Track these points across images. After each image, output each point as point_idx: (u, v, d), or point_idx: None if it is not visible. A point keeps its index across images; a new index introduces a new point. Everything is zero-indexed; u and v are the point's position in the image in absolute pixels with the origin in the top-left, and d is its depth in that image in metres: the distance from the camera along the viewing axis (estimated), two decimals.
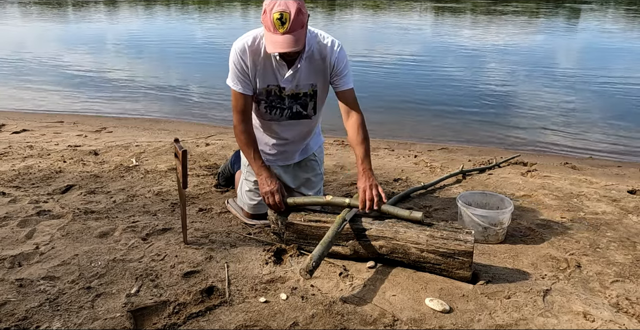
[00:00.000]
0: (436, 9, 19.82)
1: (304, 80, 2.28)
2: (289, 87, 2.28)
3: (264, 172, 2.27)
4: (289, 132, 2.44)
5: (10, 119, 5.04)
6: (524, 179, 3.32)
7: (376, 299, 1.89)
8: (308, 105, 2.37)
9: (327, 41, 2.25)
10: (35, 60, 8.60)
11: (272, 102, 2.32)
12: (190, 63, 8.62)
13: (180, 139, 2.88)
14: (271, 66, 2.24)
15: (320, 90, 2.35)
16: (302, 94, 2.32)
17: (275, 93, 2.29)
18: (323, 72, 2.29)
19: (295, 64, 2.21)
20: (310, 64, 2.25)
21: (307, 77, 2.28)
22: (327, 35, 2.26)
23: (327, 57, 2.25)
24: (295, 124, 2.41)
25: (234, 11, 18.81)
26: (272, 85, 2.27)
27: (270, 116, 2.38)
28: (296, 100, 2.34)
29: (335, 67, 2.26)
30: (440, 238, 1.99)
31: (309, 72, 2.27)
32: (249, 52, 2.20)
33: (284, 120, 2.39)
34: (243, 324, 1.74)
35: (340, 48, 2.26)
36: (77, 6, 19.95)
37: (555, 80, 7.24)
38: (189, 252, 2.20)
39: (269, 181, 2.25)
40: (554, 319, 1.80)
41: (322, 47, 2.24)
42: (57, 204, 2.70)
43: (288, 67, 2.22)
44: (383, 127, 5.15)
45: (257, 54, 2.21)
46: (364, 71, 7.72)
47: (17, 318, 1.73)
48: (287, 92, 2.29)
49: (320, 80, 2.31)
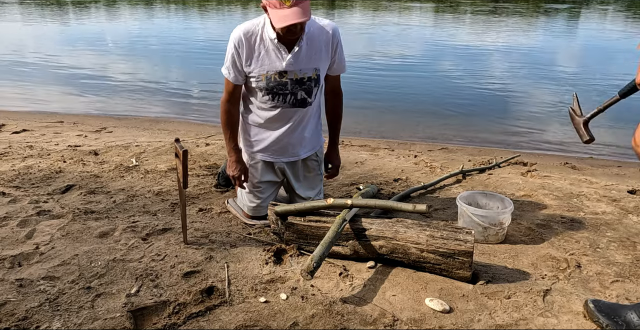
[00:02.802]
0: (436, 9, 19.83)
1: (306, 63, 2.29)
2: (291, 70, 2.29)
3: (234, 155, 2.43)
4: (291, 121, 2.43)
5: (10, 119, 5.04)
6: (524, 179, 3.32)
7: (376, 299, 1.89)
8: (312, 91, 2.37)
9: (324, 23, 2.31)
10: (35, 60, 8.59)
11: (273, 88, 2.31)
12: (190, 63, 8.61)
13: (180, 139, 2.87)
14: (270, 52, 2.26)
15: (322, 74, 2.37)
16: (306, 79, 2.32)
17: (275, 79, 2.30)
18: (325, 54, 2.32)
19: (294, 46, 2.24)
20: (311, 47, 2.28)
21: (309, 60, 2.29)
22: (321, 18, 2.32)
23: (329, 40, 2.30)
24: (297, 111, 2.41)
25: (234, 11, 18.81)
26: (271, 71, 2.28)
27: (273, 103, 2.36)
28: (301, 86, 2.33)
29: (336, 51, 2.33)
30: (440, 238, 1.99)
31: (309, 54, 2.29)
32: (245, 39, 2.23)
33: (287, 107, 2.37)
34: (243, 324, 1.74)
35: (337, 31, 2.33)
36: (77, 6, 19.95)
37: (555, 80, 7.24)
38: (189, 252, 2.20)
39: (235, 165, 2.44)
40: (554, 319, 1.80)
41: (320, 29, 2.29)
42: (57, 204, 2.70)
43: (288, 50, 2.25)
44: (383, 127, 5.15)
45: (254, 40, 2.25)
46: (364, 71, 7.71)
47: (17, 318, 1.73)
48: (289, 75, 2.29)
49: (321, 63, 2.33)
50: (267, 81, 2.29)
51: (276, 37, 2.21)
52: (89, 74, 7.65)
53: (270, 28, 2.22)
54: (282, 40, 2.23)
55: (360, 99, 6.08)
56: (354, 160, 3.69)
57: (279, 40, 2.22)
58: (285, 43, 2.23)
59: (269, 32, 2.23)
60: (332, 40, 2.30)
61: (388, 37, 11.80)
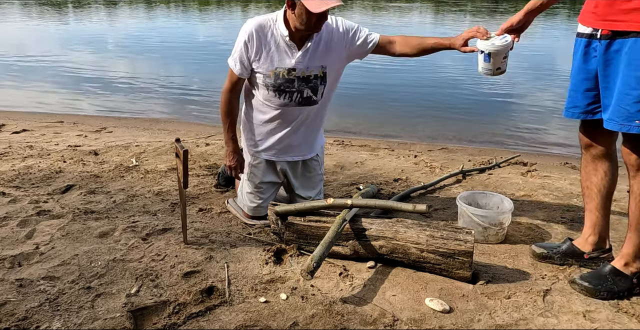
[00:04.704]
0: (436, 9, 19.83)
1: (315, 61, 2.30)
2: (299, 68, 2.30)
3: (231, 146, 2.46)
4: (297, 119, 2.43)
5: (10, 119, 5.03)
6: (524, 179, 3.32)
7: (376, 299, 1.89)
8: (318, 90, 2.37)
9: (333, 20, 2.34)
10: (35, 60, 8.59)
11: (280, 85, 2.32)
12: (190, 63, 8.61)
13: (180, 139, 2.87)
14: (281, 48, 2.27)
15: (329, 73, 2.36)
16: (312, 77, 2.33)
17: (283, 75, 2.30)
18: (335, 50, 2.33)
19: (305, 44, 2.26)
20: (320, 45, 2.30)
21: (318, 58, 2.31)
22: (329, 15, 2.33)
23: (335, 34, 2.32)
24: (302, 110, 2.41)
25: (234, 11, 18.81)
26: (280, 68, 2.29)
27: (280, 101, 2.36)
28: (307, 84, 2.34)
29: (349, 37, 2.34)
30: (440, 238, 1.99)
31: (319, 52, 2.30)
32: (256, 34, 2.25)
33: (293, 106, 2.38)
34: (243, 324, 1.74)
35: (342, 20, 2.35)
36: (77, 6, 19.95)
37: (555, 80, 7.24)
38: (189, 252, 2.20)
39: (232, 155, 2.47)
40: (554, 319, 1.80)
41: (330, 26, 2.31)
42: (57, 204, 2.70)
43: (298, 48, 2.26)
44: (383, 127, 5.15)
45: (265, 36, 2.26)
46: (364, 71, 7.72)
47: (17, 318, 1.73)
48: (297, 73, 2.30)
49: (330, 61, 2.34)
50: (275, 78, 2.30)
51: (288, 34, 2.22)
52: (89, 73, 7.65)
53: (283, 25, 2.23)
54: (294, 37, 2.24)
55: (360, 99, 6.09)
56: (354, 160, 3.70)
57: (290, 38, 2.23)
58: (295, 41, 2.24)
59: (281, 29, 2.24)
60: (339, 33, 2.33)
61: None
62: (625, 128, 1.82)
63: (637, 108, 1.77)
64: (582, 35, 1.94)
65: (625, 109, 1.80)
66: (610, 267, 1.95)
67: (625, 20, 1.75)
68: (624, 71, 1.78)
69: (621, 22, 1.76)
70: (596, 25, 1.86)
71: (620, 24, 1.77)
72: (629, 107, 1.79)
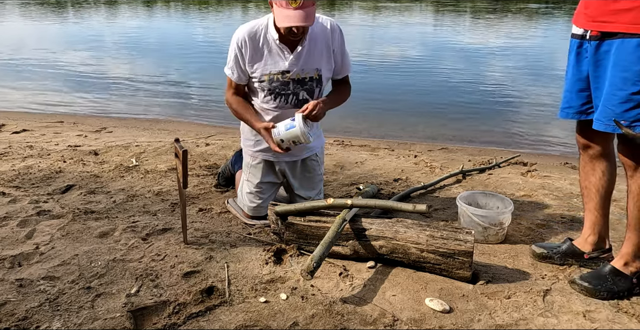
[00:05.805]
0: (436, 9, 19.83)
1: (308, 63, 2.30)
2: (294, 70, 2.29)
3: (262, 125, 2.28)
4: None
5: (10, 119, 5.03)
6: (524, 179, 3.32)
7: (376, 299, 1.89)
8: (314, 92, 2.37)
9: (327, 23, 2.31)
10: (35, 60, 8.59)
11: (275, 88, 2.32)
12: (190, 63, 8.61)
13: (180, 139, 2.87)
14: (273, 52, 2.27)
15: (325, 75, 2.37)
16: (308, 79, 2.33)
17: (277, 79, 2.30)
18: (326, 55, 2.33)
19: (297, 46, 2.24)
20: (313, 47, 2.29)
21: (311, 60, 2.30)
22: (325, 18, 2.32)
23: (329, 41, 2.31)
24: None
25: (234, 11, 18.81)
26: (274, 71, 2.29)
27: (275, 104, 2.36)
28: (302, 86, 2.34)
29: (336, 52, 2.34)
30: (440, 238, 1.99)
31: (312, 55, 2.30)
32: (249, 39, 2.24)
33: (288, 108, 2.37)
34: (243, 324, 1.74)
35: (340, 31, 2.34)
36: (77, 6, 19.95)
37: (555, 80, 7.23)
38: (189, 252, 2.20)
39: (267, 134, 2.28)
40: (554, 319, 1.80)
41: (323, 30, 2.29)
42: (57, 204, 2.70)
43: (290, 50, 2.26)
44: (383, 127, 5.15)
45: (257, 41, 2.25)
46: (364, 71, 7.71)
47: (17, 318, 1.73)
48: (292, 75, 2.30)
49: (323, 63, 2.34)
50: (269, 81, 2.30)
51: (278, 37, 2.22)
52: (89, 73, 7.65)
53: (273, 28, 2.23)
54: (284, 40, 2.23)
55: (360, 99, 6.08)
56: (354, 160, 3.69)
57: (281, 41, 2.23)
58: (287, 43, 2.24)
59: (271, 32, 2.24)
60: (332, 42, 2.31)
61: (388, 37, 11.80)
62: (611, 128, 1.83)
63: (622, 108, 1.77)
64: (575, 36, 1.95)
65: (611, 110, 1.80)
66: (610, 267, 1.96)
67: (613, 21, 1.75)
68: (611, 72, 1.79)
69: (609, 23, 1.77)
70: (586, 26, 1.86)
71: (608, 25, 1.77)
72: (614, 108, 1.79)
